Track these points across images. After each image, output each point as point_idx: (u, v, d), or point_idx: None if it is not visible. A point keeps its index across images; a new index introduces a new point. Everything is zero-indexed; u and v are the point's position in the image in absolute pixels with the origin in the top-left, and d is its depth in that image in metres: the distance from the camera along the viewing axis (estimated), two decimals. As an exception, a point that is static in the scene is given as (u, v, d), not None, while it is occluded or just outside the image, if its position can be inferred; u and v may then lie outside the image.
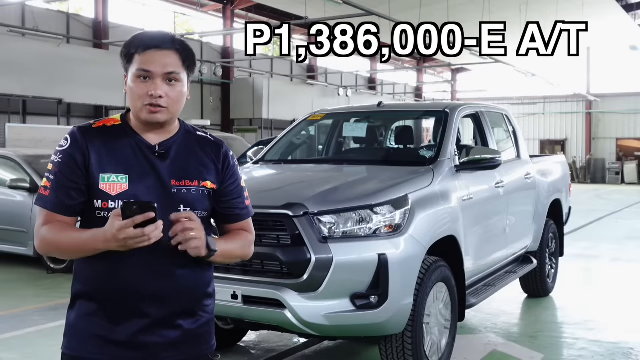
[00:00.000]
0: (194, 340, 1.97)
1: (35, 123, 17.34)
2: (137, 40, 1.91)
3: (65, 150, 1.90)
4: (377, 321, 3.76)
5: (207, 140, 2.03)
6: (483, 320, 5.92)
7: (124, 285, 1.87)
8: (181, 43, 1.93)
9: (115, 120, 1.97)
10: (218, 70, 23.55)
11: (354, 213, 3.86)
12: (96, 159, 1.88)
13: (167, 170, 1.92)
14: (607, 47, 32.81)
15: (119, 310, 1.88)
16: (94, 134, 1.92)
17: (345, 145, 5.97)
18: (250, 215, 2.11)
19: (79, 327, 1.92)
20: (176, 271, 1.90)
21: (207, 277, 2.00)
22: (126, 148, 1.91)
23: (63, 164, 1.88)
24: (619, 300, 6.88)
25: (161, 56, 1.88)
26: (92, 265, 1.89)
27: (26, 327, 5.62)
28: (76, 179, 1.88)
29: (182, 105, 1.96)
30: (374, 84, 33.75)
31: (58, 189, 1.88)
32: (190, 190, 1.93)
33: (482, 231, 5.03)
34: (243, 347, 5.19)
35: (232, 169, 2.04)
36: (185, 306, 1.93)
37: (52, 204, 1.89)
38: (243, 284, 3.86)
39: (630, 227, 13.38)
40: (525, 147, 6.52)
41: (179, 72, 1.91)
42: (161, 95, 1.87)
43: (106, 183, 1.86)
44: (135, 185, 1.87)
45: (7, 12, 17.19)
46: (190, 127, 2.05)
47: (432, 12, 18.96)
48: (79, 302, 1.93)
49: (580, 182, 32.81)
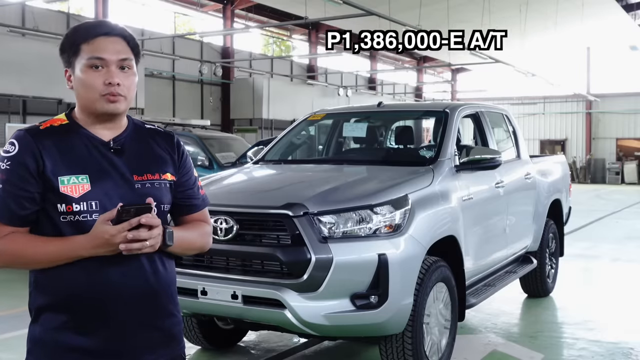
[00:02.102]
0: (170, 340, 1.92)
1: (35, 123, 17.32)
2: (81, 29, 1.84)
3: (13, 156, 1.76)
4: (377, 321, 3.76)
5: (158, 132, 1.99)
6: (483, 320, 5.92)
7: (99, 290, 1.78)
8: (125, 30, 1.88)
9: (61, 119, 1.88)
10: (218, 70, 23.55)
11: (354, 213, 3.86)
12: (51, 162, 1.77)
13: (126, 165, 1.85)
14: (607, 47, 32.83)
15: (94, 318, 1.78)
16: (44, 136, 1.80)
17: (345, 145, 5.97)
18: (206, 205, 2.06)
19: (48, 341, 1.80)
20: (146, 269, 1.84)
21: (172, 274, 1.95)
22: (79, 147, 1.82)
23: (12, 171, 1.75)
24: (619, 300, 6.88)
25: (111, 42, 1.82)
26: (58, 274, 1.78)
27: (26, 327, 5.58)
28: (27, 186, 1.75)
29: (134, 95, 1.90)
30: (374, 84, 33.74)
31: (7, 199, 1.75)
32: (153, 184, 1.88)
33: (482, 231, 5.03)
34: (243, 347, 5.19)
35: (186, 159, 2.01)
36: (160, 305, 1.88)
37: (2, 216, 1.76)
38: (243, 284, 3.85)
39: (630, 227, 13.38)
40: (525, 147, 6.52)
41: (131, 58, 1.85)
42: (119, 82, 1.80)
43: (66, 185, 1.76)
44: (98, 185, 1.79)
45: (7, 12, 17.19)
46: (137, 120, 2.00)
47: (432, 12, 18.94)
48: (44, 315, 1.81)
49: (580, 182, 32.81)
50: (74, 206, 1.76)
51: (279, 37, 30.52)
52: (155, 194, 1.86)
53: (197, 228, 2.01)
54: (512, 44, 25.65)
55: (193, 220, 2.02)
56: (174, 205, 1.98)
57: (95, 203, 1.77)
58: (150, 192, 1.85)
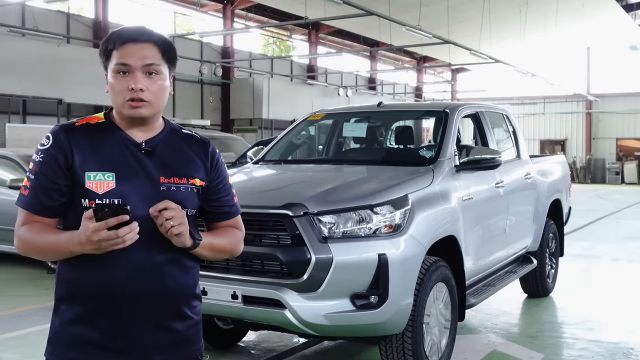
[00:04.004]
0: (184, 342, 1.93)
1: (35, 123, 17.33)
2: (114, 36, 1.88)
3: (46, 149, 1.85)
4: (377, 321, 3.76)
5: (194, 138, 2.01)
6: (483, 320, 5.92)
7: (110, 287, 1.81)
8: (159, 36, 1.90)
9: (98, 118, 1.94)
10: (218, 70, 23.57)
11: (354, 213, 3.86)
12: (80, 157, 1.83)
13: (155, 167, 1.88)
14: (607, 47, 32.84)
15: (105, 314, 1.82)
16: (77, 133, 1.87)
17: (345, 145, 5.97)
18: (238, 212, 2.08)
19: (65, 333, 1.86)
20: (163, 271, 1.86)
21: (193, 278, 1.97)
22: (111, 146, 1.87)
23: (44, 164, 1.84)
24: (619, 300, 6.88)
25: (139, 49, 1.85)
26: (75, 268, 1.83)
27: (26, 327, 5.62)
28: (57, 179, 1.83)
29: (165, 100, 1.93)
30: (374, 84, 33.76)
31: (38, 189, 1.84)
32: (179, 187, 1.89)
33: (482, 231, 5.03)
34: (243, 347, 5.20)
35: (220, 167, 2.02)
36: (174, 307, 1.89)
37: (31, 205, 1.85)
38: (243, 284, 3.85)
39: (630, 227, 13.38)
40: (525, 147, 6.52)
41: (159, 64, 1.87)
42: (142, 88, 1.84)
43: (92, 181, 1.81)
44: (123, 183, 1.82)
45: (7, 12, 17.18)
46: (175, 125, 2.03)
47: (432, 12, 18.95)
48: (62, 307, 1.88)
49: (580, 182, 32.81)
50: (96, 202, 1.79)
51: (279, 37, 30.53)
52: (180, 197, 1.88)
53: (228, 234, 2.03)
54: (512, 44, 25.68)
55: (225, 227, 2.05)
56: (206, 212, 2.01)
57: (117, 201, 1.80)
58: (174, 195, 1.87)
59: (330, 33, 29.80)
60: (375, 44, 29.43)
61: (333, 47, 31.55)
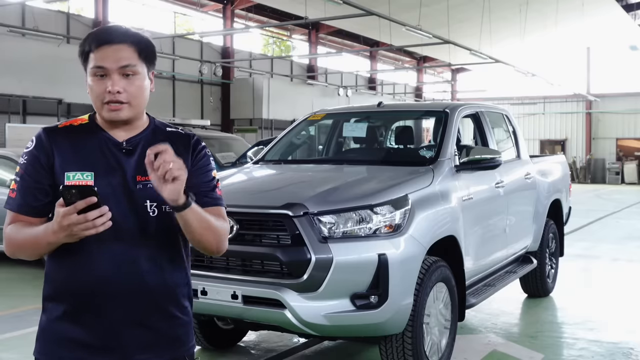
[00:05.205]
0: (170, 342, 1.92)
1: (35, 123, 17.32)
2: (90, 37, 1.89)
3: (30, 151, 1.89)
4: (377, 321, 3.76)
5: (177, 135, 1.99)
6: (483, 320, 5.92)
7: (91, 284, 1.83)
8: (135, 35, 1.89)
9: (82, 119, 1.97)
10: (218, 70, 23.57)
11: (354, 213, 3.86)
12: (60, 158, 1.87)
13: (133, 166, 1.89)
14: (607, 47, 32.84)
15: (88, 311, 1.84)
16: (59, 134, 1.91)
17: (345, 145, 5.97)
18: (219, 204, 2.00)
19: (50, 331, 1.88)
20: (143, 267, 1.85)
21: (180, 277, 1.95)
22: (93, 146, 1.90)
23: (28, 165, 1.88)
24: (619, 300, 6.88)
25: (114, 51, 1.85)
26: (58, 266, 1.87)
27: (26, 327, 5.62)
28: (40, 179, 1.87)
29: (145, 99, 1.92)
30: (374, 84, 33.76)
31: (24, 191, 1.87)
32: None
33: (482, 231, 5.03)
34: (243, 347, 5.20)
35: (201, 159, 1.98)
36: (154, 305, 1.88)
37: (18, 206, 1.87)
38: (243, 284, 3.85)
39: (630, 227, 13.38)
40: (525, 147, 6.52)
41: (135, 64, 1.86)
42: (119, 90, 1.84)
43: (71, 181, 1.84)
44: (101, 182, 1.84)
45: (7, 12, 17.18)
46: (160, 122, 2.01)
47: (432, 12, 18.95)
48: (49, 305, 1.90)
49: (580, 182, 32.81)
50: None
51: (279, 37, 30.53)
52: (156, 194, 1.84)
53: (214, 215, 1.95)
54: (512, 44, 25.68)
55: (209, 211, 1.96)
56: None
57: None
58: (149, 193, 1.86)
59: (330, 33, 29.81)
60: (375, 44, 29.44)
61: (333, 47, 31.56)
